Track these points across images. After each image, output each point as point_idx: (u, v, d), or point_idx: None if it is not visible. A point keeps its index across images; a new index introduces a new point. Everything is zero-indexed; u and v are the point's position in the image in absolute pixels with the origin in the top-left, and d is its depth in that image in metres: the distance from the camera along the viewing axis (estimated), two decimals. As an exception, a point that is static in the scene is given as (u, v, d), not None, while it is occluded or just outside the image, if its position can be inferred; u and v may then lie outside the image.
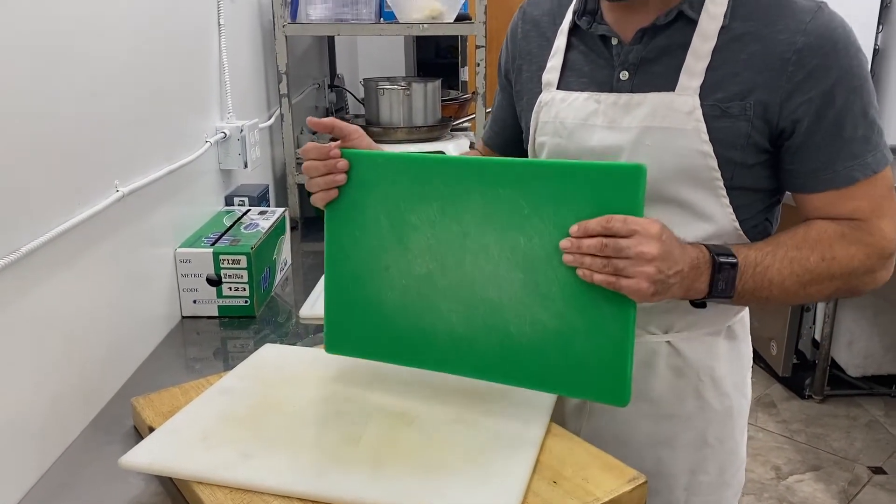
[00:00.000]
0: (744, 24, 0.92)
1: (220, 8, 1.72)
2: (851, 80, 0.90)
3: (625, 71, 0.98)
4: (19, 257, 0.92)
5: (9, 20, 0.93)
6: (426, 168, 0.93)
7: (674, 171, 0.95)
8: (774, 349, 3.04)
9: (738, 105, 0.92)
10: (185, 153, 1.50)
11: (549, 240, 0.87)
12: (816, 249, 0.93)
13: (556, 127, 1.04)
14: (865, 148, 0.93)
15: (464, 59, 3.49)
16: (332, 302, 1.04)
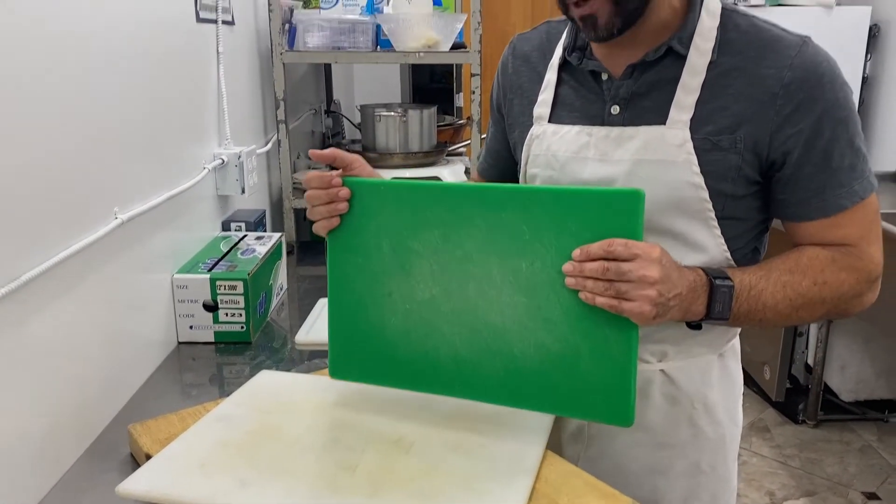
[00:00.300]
0: (732, 59, 0.94)
1: (219, 36, 1.75)
2: (838, 111, 0.93)
3: (616, 105, 0.99)
4: (19, 285, 0.93)
5: (8, 50, 0.95)
6: (428, 195, 0.95)
7: (666, 203, 0.97)
8: (767, 374, 3.06)
9: (728, 138, 0.94)
10: (183, 179, 1.52)
11: (551, 264, 0.88)
12: (808, 274, 0.96)
13: (548, 159, 1.05)
14: (852, 176, 0.96)
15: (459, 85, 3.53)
16: (336, 328, 1.05)
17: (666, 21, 0.96)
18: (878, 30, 3.65)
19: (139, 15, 1.32)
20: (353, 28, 2.14)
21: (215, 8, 1.73)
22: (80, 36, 1.11)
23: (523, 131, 1.11)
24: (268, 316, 1.65)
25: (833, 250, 0.98)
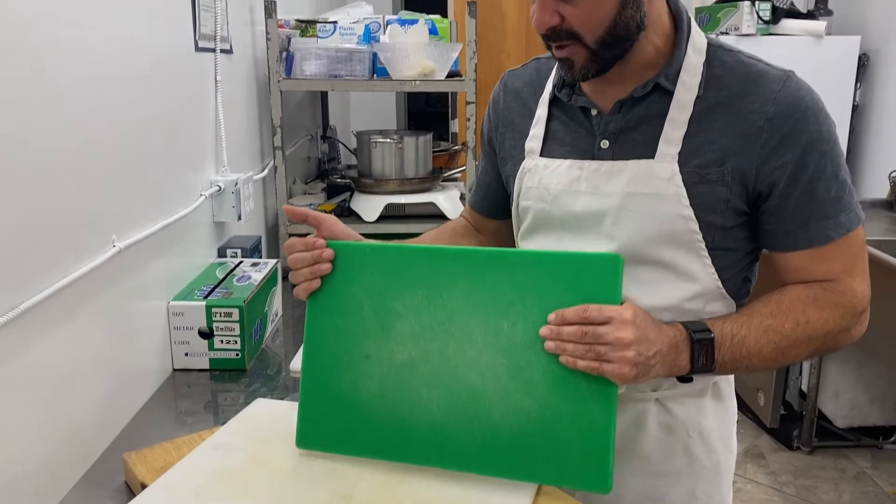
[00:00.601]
0: (718, 94, 0.97)
1: (217, 65, 1.77)
2: (822, 144, 0.95)
3: (605, 140, 1.01)
4: (18, 314, 0.94)
5: (7, 77, 0.96)
6: (412, 257, 0.96)
7: (657, 235, 0.98)
8: (762, 400, 3.06)
9: (716, 171, 0.96)
10: (180, 207, 1.53)
11: (533, 326, 0.90)
12: (790, 316, 0.97)
13: (540, 192, 1.06)
14: (838, 208, 0.97)
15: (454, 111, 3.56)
16: (308, 394, 1.01)
17: (651, 58, 0.98)
18: (867, 59, 3.70)
19: (139, 45, 1.34)
20: (350, 56, 2.17)
21: (214, 37, 1.75)
22: (79, 65, 1.13)
23: (515, 165, 1.12)
24: (262, 343, 1.65)
25: (816, 288, 0.99)
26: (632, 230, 0.98)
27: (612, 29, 0.91)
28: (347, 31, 2.26)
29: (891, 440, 2.99)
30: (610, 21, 0.91)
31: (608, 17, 0.91)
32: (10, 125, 0.95)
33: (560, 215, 1.04)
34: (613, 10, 0.90)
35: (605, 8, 0.90)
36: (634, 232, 0.98)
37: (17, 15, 0.97)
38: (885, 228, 2.89)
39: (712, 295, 1.03)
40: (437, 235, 1.27)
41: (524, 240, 1.14)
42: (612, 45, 0.93)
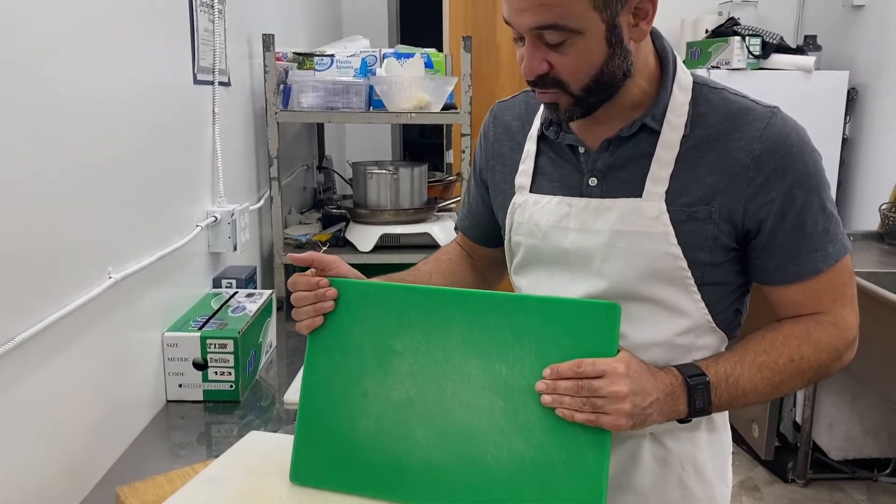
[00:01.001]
0: (704, 132, 0.97)
1: (215, 97, 1.79)
2: (808, 179, 0.96)
3: (593, 177, 1.02)
4: (14, 346, 0.94)
5: (5, 110, 0.97)
6: (413, 297, 0.97)
7: (646, 272, 0.99)
8: (756, 431, 3.05)
9: (703, 209, 0.96)
10: (176, 237, 1.53)
11: (531, 369, 0.91)
12: (784, 352, 0.98)
13: (530, 228, 1.07)
14: (826, 240, 0.99)
15: (449, 142, 3.59)
16: (304, 430, 1.01)
17: (637, 99, 0.99)
18: (855, 93, 3.76)
19: (138, 77, 1.36)
20: (347, 89, 2.20)
21: (212, 70, 1.77)
22: (78, 96, 1.14)
23: (505, 199, 1.13)
24: (257, 374, 1.65)
25: (808, 322, 1.00)
26: (621, 267, 0.99)
27: (599, 77, 0.92)
28: (344, 64, 2.29)
29: (886, 472, 2.98)
30: (597, 70, 0.92)
31: (596, 67, 0.92)
32: (9, 157, 0.96)
33: (550, 251, 1.05)
34: (601, 60, 0.91)
35: (593, 58, 0.91)
36: (623, 269, 0.99)
37: (23, 49, 0.98)
38: (877, 260, 2.91)
39: (703, 329, 1.03)
40: (435, 266, 1.26)
41: (517, 274, 1.14)
42: (596, 91, 0.94)
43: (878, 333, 2.25)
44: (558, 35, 0.89)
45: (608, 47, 0.90)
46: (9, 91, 0.96)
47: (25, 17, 1.00)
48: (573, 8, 0.87)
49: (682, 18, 4.11)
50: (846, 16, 3.89)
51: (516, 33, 0.94)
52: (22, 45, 0.99)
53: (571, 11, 0.87)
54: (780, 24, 4.19)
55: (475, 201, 1.26)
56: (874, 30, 3.69)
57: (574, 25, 0.88)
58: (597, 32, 0.89)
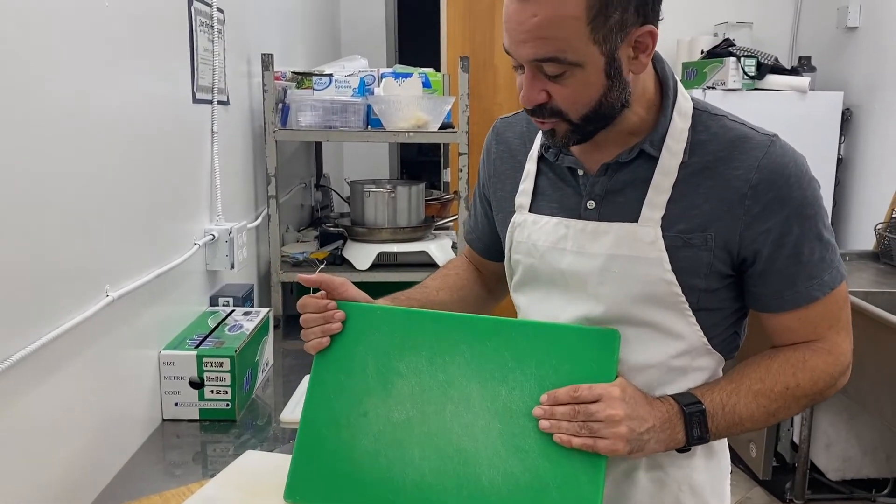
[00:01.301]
0: (702, 160, 0.98)
1: (214, 116, 1.79)
2: (805, 209, 0.96)
3: (591, 200, 1.02)
4: (11, 365, 0.94)
5: (3, 126, 0.98)
6: (419, 321, 1.01)
7: (641, 296, 0.99)
8: (754, 451, 3.04)
9: (699, 236, 0.97)
10: (174, 255, 1.54)
11: (529, 393, 0.93)
12: (780, 379, 0.99)
13: (528, 248, 1.08)
14: (822, 267, 0.99)
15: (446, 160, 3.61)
16: (302, 448, 1.02)
17: (636, 125, 0.99)
18: (850, 114, 3.79)
19: (138, 95, 1.37)
20: (345, 108, 2.21)
21: (212, 89, 1.78)
22: (77, 114, 1.15)
23: (506, 217, 1.14)
24: (253, 393, 1.64)
25: (804, 349, 1.01)
26: (616, 291, 1.00)
27: (598, 108, 0.93)
28: (343, 83, 2.30)
29: (884, 493, 2.97)
30: (596, 101, 0.93)
31: (594, 98, 0.92)
32: (6, 174, 0.96)
33: (548, 272, 1.06)
34: (600, 92, 0.92)
35: (592, 90, 0.91)
36: (618, 293, 0.99)
37: (22, 67, 0.99)
38: (872, 280, 2.91)
39: (699, 351, 1.03)
40: (442, 282, 1.26)
41: (516, 292, 1.15)
42: (594, 120, 0.95)
43: (875, 353, 2.25)
44: (558, 67, 0.90)
45: (607, 79, 0.91)
46: (7, 109, 0.96)
47: (25, 36, 1.00)
48: (573, 42, 0.87)
49: (677, 39, 4.14)
50: (840, 37, 3.92)
51: (516, 62, 0.95)
52: (21, 63, 1.00)
53: (571, 45, 0.87)
54: (775, 46, 4.22)
55: (480, 215, 1.27)
56: (867, 51, 3.73)
57: (573, 58, 0.88)
58: (596, 65, 0.89)
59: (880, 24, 3.63)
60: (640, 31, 0.89)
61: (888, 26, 3.55)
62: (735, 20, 4.16)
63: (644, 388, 1.00)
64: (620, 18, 0.87)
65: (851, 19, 3.77)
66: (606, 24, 0.87)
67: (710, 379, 1.06)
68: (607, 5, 0.86)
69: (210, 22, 1.77)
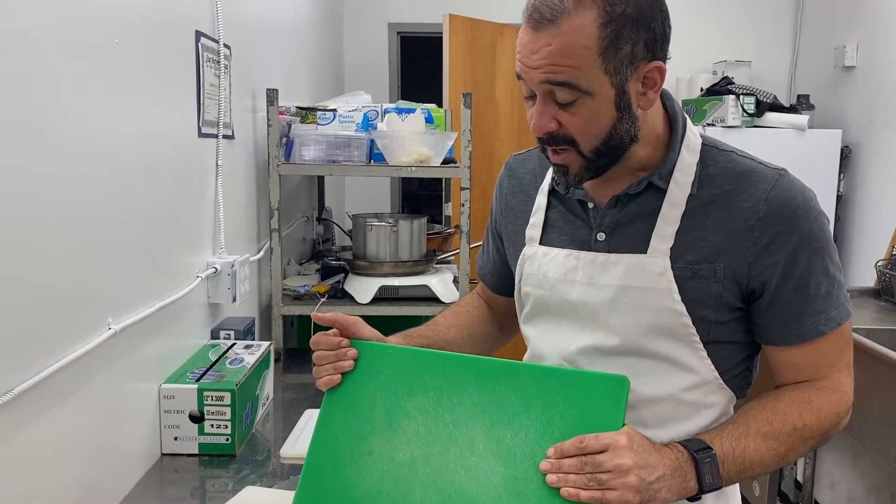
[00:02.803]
0: (710, 192, 0.99)
1: (219, 150, 1.81)
2: (813, 242, 0.97)
3: (601, 232, 1.04)
4: (12, 398, 0.93)
5: (7, 160, 0.98)
6: (428, 361, 1.01)
7: (651, 328, 1.00)
8: (757, 490, 3.00)
9: (708, 267, 0.98)
10: (176, 288, 1.54)
11: (535, 437, 0.92)
12: (787, 420, 0.98)
13: (539, 279, 1.09)
14: (828, 303, 1.00)
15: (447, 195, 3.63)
16: (306, 484, 1.01)
17: (645, 160, 1.02)
18: (849, 151, 3.82)
19: (144, 129, 1.38)
20: (349, 143, 2.23)
21: (217, 123, 1.80)
22: (83, 147, 1.16)
23: (517, 250, 1.15)
24: (253, 427, 1.63)
25: (808, 389, 1.01)
26: (626, 322, 1.00)
27: (608, 140, 0.95)
28: (346, 118, 2.33)
29: (889, 533, 2.92)
30: (606, 133, 0.94)
31: (605, 129, 0.94)
32: (10, 206, 0.97)
33: (557, 303, 1.07)
34: (610, 123, 0.94)
35: (602, 120, 0.93)
36: (629, 324, 1.00)
37: (28, 100, 1.01)
38: (874, 317, 2.91)
39: (712, 386, 1.03)
40: (453, 320, 1.27)
41: (526, 323, 1.16)
42: (605, 154, 0.96)
43: (878, 391, 2.24)
44: (569, 94, 0.92)
45: (617, 111, 0.93)
46: (14, 141, 0.97)
47: (34, 70, 1.02)
48: (585, 70, 0.90)
49: (676, 77, 4.20)
50: (838, 76, 3.98)
51: (528, 91, 0.96)
52: (28, 96, 1.01)
53: (583, 73, 0.90)
54: (774, 84, 4.28)
55: (492, 251, 1.29)
56: (865, 89, 3.77)
57: (585, 86, 0.91)
58: (607, 96, 0.92)
59: (877, 63, 3.68)
60: (649, 66, 0.92)
61: (885, 65, 3.60)
62: (734, 59, 4.22)
63: (655, 421, 1.00)
64: (631, 52, 0.90)
65: (849, 58, 3.83)
66: (617, 56, 0.89)
67: (722, 416, 1.05)
68: (619, 38, 0.89)
69: (217, 58, 1.79)
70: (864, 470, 2.88)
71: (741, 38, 4.37)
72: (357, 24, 4.57)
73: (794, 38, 4.39)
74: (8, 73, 0.95)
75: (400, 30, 4.62)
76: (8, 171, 0.95)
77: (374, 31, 4.58)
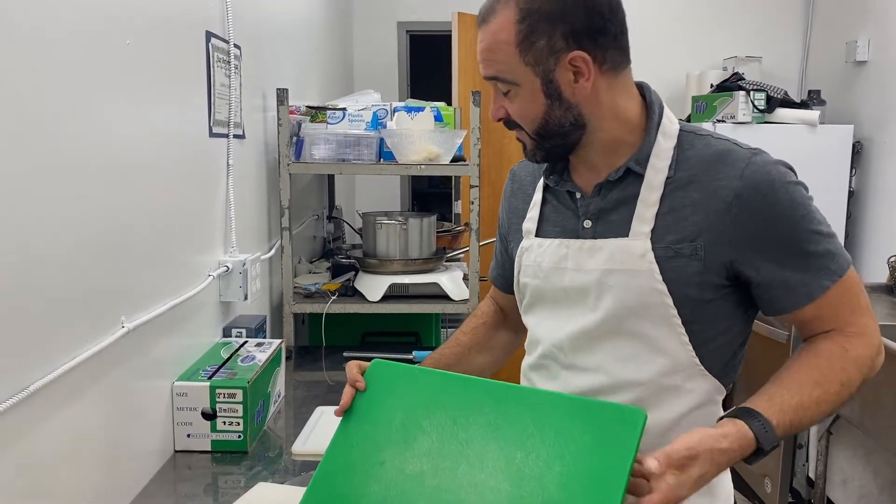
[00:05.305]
0: (688, 174, 1.03)
1: (229, 150, 1.82)
2: (795, 209, 1.00)
3: (588, 220, 1.08)
4: (27, 395, 0.95)
5: (18, 159, 1.00)
6: (451, 384, 1.05)
7: (634, 308, 1.03)
8: (769, 487, 2.99)
9: (689, 246, 1.01)
10: (188, 287, 1.55)
11: (545, 459, 0.92)
12: (835, 379, 0.99)
13: (535, 269, 1.14)
14: (827, 259, 1.02)
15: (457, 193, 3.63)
16: (316, 487, 1.04)
17: (618, 146, 1.06)
18: (860, 146, 3.80)
19: (156, 129, 1.40)
20: (358, 141, 2.24)
21: (228, 123, 1.81)
22: (95, 147, 1.17)
23: (516, 245, 1.19)
24: (265, 424, 1.64)
25: (841, 339, 1.02)
26: (611, 304, 1.04)
27: (545, 125, 1.03)
28: (356, 117, 2.33)
29: (903, 531, 2.91)
30: (541, 118, 1.03)
31: (539, 115, 1.03)
32: (24, 207, 0.98)
33: (552, 291, 1.11)
34: (543, 110, 1.02)
35: (535, 107, 1.02)
36: (614, 305, 1.04)
37: (42, 100, 1.02)
38: (887, 313, 2.89)
39: (691, 372, 1.05)
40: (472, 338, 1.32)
41: (526, 314, 1.20)
42: (548, 137, 1.05)
43: (891, 388, 2.23)
44: (503, 85, 1.03)
45: (546, 99, 1.01)
46: (27, 142, 0.99)
47: (46, 71, 1.03)
48: (508, 62, 1.00)
49: (687, 73, 4.18)
50: (849, 71, 3.95)
51: None
52: (42, 97, 1.02)
53: (507, 65, 1.00)
54: (784, 79, 4.26)
55: (500, 253, 1.34)
56: (877, 84, 3.75)
57: (511, 77, 1.01)
58: (533, 85, 1.01)
59: (889, 57, 3.66)
60: (571, 55, 0.98)
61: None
62: (744, 54, 4.20)
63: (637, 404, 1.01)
64: (547, 44, 0.98)
65: (860, 53, 3.80)
66: (533, 48, 0.98)
67: (703, 404, 1.05)
68: (533, 32, 0.98)
69: (227, 58, 1.80)
70: (876, 467, 2.86)
71: (751, 34, 4.35)
72: (366, 23, 4.58)
73: (805, 33, 4.37)
74: (22, 73, 0.96)
75: (409, 28, 4.63)
76: (22, 172, 0.97)
77: (384, 30, 4.59)
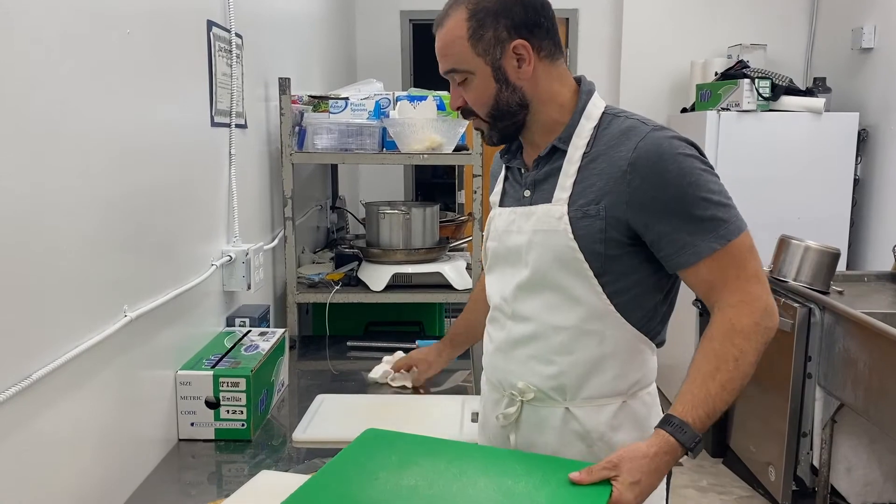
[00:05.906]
0: (599, 149, 1.19)
1: (231, 139, 1.82)
2: (683, 177, 1.12)
3: (527, 190, 1.26)
4: (31, 384, 0.95)
5: (23, 149, 1.00)
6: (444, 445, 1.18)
7: (554, 262, 1.19)
8: (773, 475, 3.00)
9: (594, 208, 1.16)
10: (191, 276, 1.55)
11: (535, 485, 1.03)
12: (727, 357, 1.10)
13: (494, 234, 1.30)
14: (713, 224, 1.12)
15: (460, 182, 3.63)
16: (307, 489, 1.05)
17: (551, 126, 1.22)
18: (866, 134, 3.78)
19: (158, 119, 1.40)
20: (361, 131, 2.23)
21: (230, 113, 1.81)
22: (98, 136, 1.17)
23: None
24: (269, 413, 1.65)
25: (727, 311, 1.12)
26: (537, 258, 1.20)
27: (497, 107, 1.20)
28: (358, 106, 2.33)
29: (907, 519, 2.91)
30: (493, 101, 1.19)
31: (491, 98, 1.19)
32: (27, 196, 0.99)
33: (503, 251, 1.28)
34: (494, 94, 1.19)
35: (488, 91, 1.19)
36: (538, 260, 1.20)
37: (46, 89, 1.02)
38: (891, 301, 2.88)
39: (609, 321, 1.18)
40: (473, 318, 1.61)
41: (488, 274, 1.34)
42: (500, 118, 1.21)
43: (894, 376, 2.22)
44: (460, 76, 1.19)
45: (496, 83, 1.18)
46: (29, 133, 0.99)
47: (47, 61, 1.03)
48: (463, 55, 1.17)
49: (691, 61, 4.16)
50: (855, 58, 3.92)
51: None
52: (43, 87, 1.02)
53: (462, 58, 1.17)
54: (789, 67, 4.23)
55: None
56: (883, 72, 3.72)
57: (465, 67, 1.18)
58: (485, 73, 1.17)
59: (895, 44, 3.63)
60: (514, 43, 1.15)
61: (903, 47, 3.55)
62: (749, 42, 4.17)
63: (562, 346, 1.19)
64: (493, 36, 1.15)
65: (866, 40, 3.77)
66: (482, 40, 1.15)
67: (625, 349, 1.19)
68: (481, 26, 1.15)
69: (229, 47, 1.80)
70: (880, 455, 2.86)
71: (756, 21, 4.32)
72: (369, 12, 4.56)
73: (811, 20, 4.33)
74: (23, 64, 0.96)
75: (412, 17, 4.61)
76: (25, 162, 0.97)
77: (386, 19, 4.57)
